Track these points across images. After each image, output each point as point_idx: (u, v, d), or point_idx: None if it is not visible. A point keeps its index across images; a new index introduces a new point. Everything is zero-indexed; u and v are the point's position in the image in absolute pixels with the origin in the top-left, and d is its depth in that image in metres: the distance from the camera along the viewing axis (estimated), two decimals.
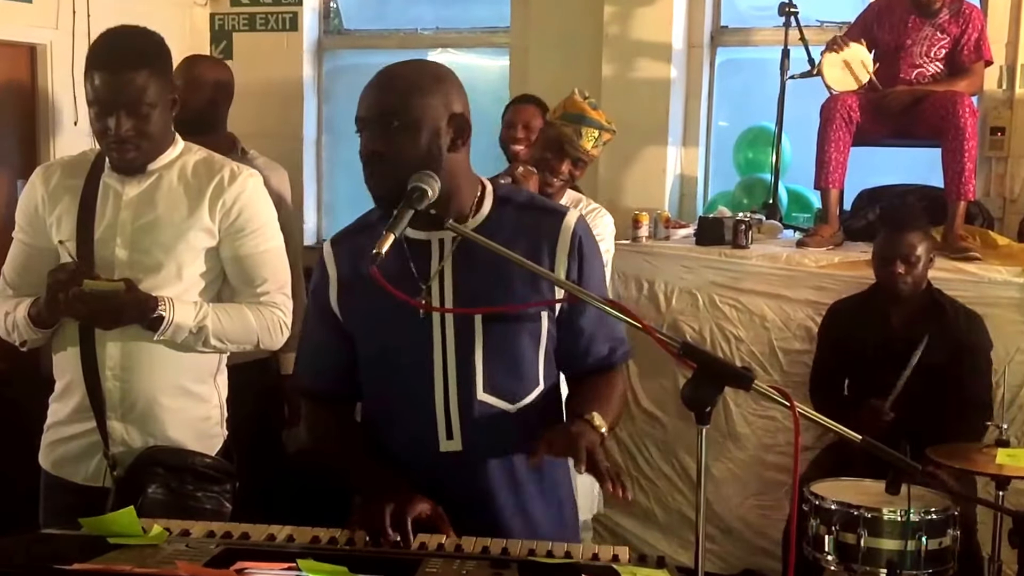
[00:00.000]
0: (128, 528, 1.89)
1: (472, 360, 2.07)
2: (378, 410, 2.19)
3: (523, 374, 2.11)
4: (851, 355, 3.91)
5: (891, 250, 3.78)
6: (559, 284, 2.03)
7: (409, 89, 2.02)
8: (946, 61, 4.54)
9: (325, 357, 2.23)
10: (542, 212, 2.14)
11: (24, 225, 2.62)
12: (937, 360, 3.71)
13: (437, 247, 2.08)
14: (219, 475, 2.57)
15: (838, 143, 4.48)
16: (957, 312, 3.84)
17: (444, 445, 2.08)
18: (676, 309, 4.50)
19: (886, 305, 3.87)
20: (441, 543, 1.92)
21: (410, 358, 2.09)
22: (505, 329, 2.08)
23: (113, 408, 2.52)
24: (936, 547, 3.14)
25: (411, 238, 2.07)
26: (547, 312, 2.11)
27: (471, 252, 2.05)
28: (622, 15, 5.23)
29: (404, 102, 2.00)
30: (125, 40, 2.48)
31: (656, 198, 5.21)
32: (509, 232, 2.05)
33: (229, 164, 2.61)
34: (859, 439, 1.72)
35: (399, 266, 2.05)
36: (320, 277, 2.20)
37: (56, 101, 5.10)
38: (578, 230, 2.11)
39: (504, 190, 2.19)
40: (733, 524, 4.45)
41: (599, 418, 2.00)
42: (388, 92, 2.02)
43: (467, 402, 2.07)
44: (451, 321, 2.07)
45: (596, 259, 2.16)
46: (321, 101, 6.22)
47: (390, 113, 1.99)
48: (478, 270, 2.05)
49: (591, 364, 2.18)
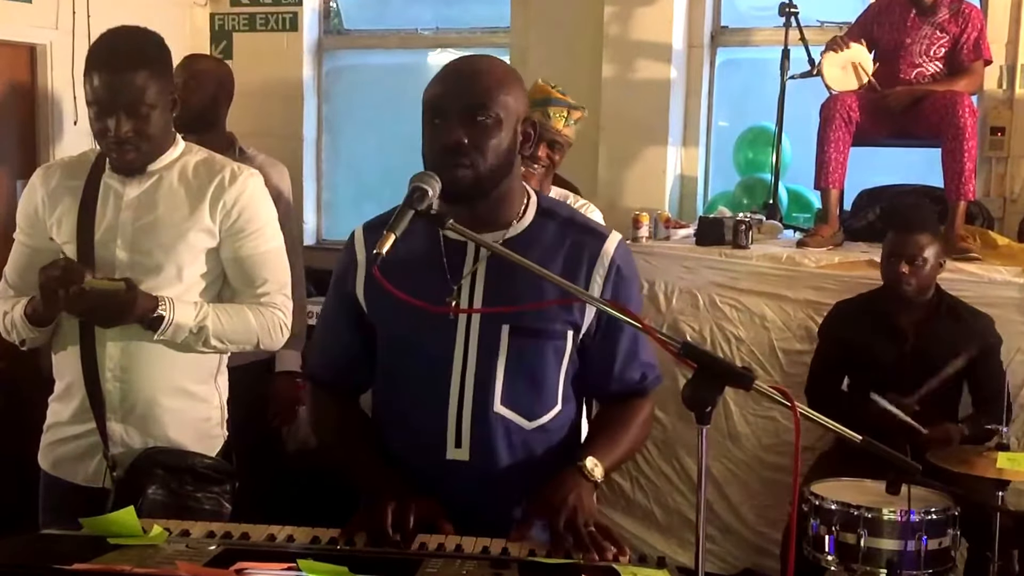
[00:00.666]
0: (128, 528, 1.89)
1: (493, 371, 2.04)
2: (389, 406, 2.16)
3: (543, 391, 2.09)
4: (852, 355, 3.91)
5: (898, 249, 3.76)
6: (589, 301, 1.98)
7: (498, 84, 1.99)
8: (946, 60, 4.55)
9: (338, 346, 2.21)
10: (583, 231, 2.11)
11: (25, 226, 2.62)
12: (946, 364, 3.70)
13: (473, 248, 2.05)
14: (219, 476, 2.57)
15: (838, 143, 4.48)
16: (968, 316, 3.82)
17: (451, 453, 2.06)
18: (676, 309, 4.50)
19: (892, 306, 3.84)
20: (441, 543, 1.91)
21: (430, 359, 2.06)
22: (530, 343, 2.05)
23: (113, 409, 2.52)
24: (936, 547, 3.14)
25: (449, 237, 2.04)
26: (571, 332, 2.09)
27: (506, 258, 2.02)
28: (622, 15, 5.23)
29: (494, 96, 1.98)
30: (125, 41, 2.47)
31: (656, 198, 5.22)
32: (548, 246, 2.04)
33: (230, 165, 2.61)
34: (859, 439, 1.72)
35: (433, 262, 2.03)
36: (347, 263, 2.16)
37: (56, 101, 5.10)
38: (617, 256, 2.09)
39: (548, 202, 2.16)
40: (733, 524, 4.45)
41: (594, 463, 2.01)
42: (476, 83, 1.98)
43: (481, 413, 2.05)
44: (476, 327, 2.04)
45: (633, 286, 2.14)
46: (321, 101, 6.21)
47: (479, 106, 1.97)
48: (512, 277, 2.01)
49: (622, 389, 2.17)
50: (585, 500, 1.96)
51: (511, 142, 2.01)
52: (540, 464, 2.07)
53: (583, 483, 1.98)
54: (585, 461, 2.02)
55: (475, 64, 2.04)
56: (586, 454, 2.04)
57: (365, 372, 2.19)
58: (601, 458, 2.04)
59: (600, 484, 2.03)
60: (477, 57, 2.09)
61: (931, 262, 3.76)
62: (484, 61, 2.06)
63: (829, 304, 4.14)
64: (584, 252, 2.08)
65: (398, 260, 1.84)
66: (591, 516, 1.95)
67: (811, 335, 4.21)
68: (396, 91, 6.16)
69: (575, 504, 1.93)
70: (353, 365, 2.20)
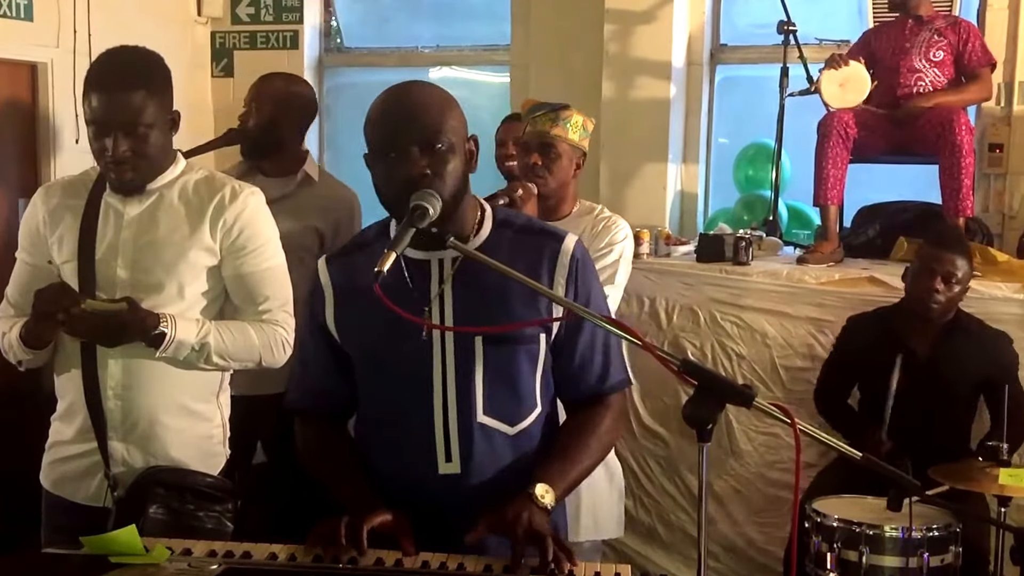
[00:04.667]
0: (130, 547, 1.89)
1: (472, 383, 2.07)
2: (376, 431, 2.18)
3: (522, 397, 2.12)
4: (860, 369, 3.89)
5: (934, 265, 3.69)
6: (559, 302, 2.03)
7: (445, 111, 2.02)
8: (953, 68, 4.55)
9: (317, 376, 2.23)
10: (540, 235, 2.15)
11: (27, 245, 2.63)
12: (960, 384, 3.69)
13: (437, 267, 2.08)
14: (220, 494, 2.57)
15: (835, 159, 4.50)
16: (982, 335, 3.79)
17: (443, 468, 2.08)
18: (677, 326, 4.50)
19: (906, 324, 3.80)
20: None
21: (409, 380, 2.09)
22: (505, 352, 2.08)
23: (115, 428, 2.52)
24: (938, 564, 3.13)
25: (410, 257, 2.07)
26: (544, 335, 2.11)
27: (471, 274, 2.05)
28: (622, 33, 5.25)
29: (445, 123, 2.01)
30: (123, 60, 2.49)
31: (657, 215, 5.22)
32: (507, 254, 2.05)
33: (231, 183, 2.61)
34: (859, 456, 1.72)
35: (398, 286, 2.04)
36: (316, 295, 2.19)
37: (57, 120, 5.11)
38: (576, 253, 2.11)
39: (503, 213, 2.20)
40: (735, 541, 4.44)
41: (544, 488, 2.00)
42: (426, 114, 2.01)
43: (467, 425, 2.07)
44: (451, 343, 2.07)
45: (595, 282, 2.16)
46: (322, 119, 6.23)
47: (434, 134, 1.99)
48: (478, 292, 2.06)
49: (583, 392, 2.17)
50: (536, 519, 1.96)
51: (464, 164, 2.05)
52: (528, 467, 2.09)
53: (533, 508, 1.98)
54: (535, 488, 2.01)
55: (417, 94, 2.06)
56: (537, 479, 2.03)
57: (345, 398, 2.21)
58: (555, 482, 2.03)
59: (550, 511, 2.01)
60: (414, 85, 2.09)
61: (963, 284, 3.71)
62: (424, 88, 2.08)
63: (830, 321, 4.13)
64: (544, 253, 2.11)
65: (366, 284, 1.85)
66: (545, 532, 1.94)
67: (812, 352, 4.20)
68: None
69: (529, 519, 1.94)
70: (333, 391, 2.22)
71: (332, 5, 6.29)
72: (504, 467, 2.10)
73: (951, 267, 3.68)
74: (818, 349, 4.20)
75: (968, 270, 3.75)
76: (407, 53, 6.16)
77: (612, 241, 3.26)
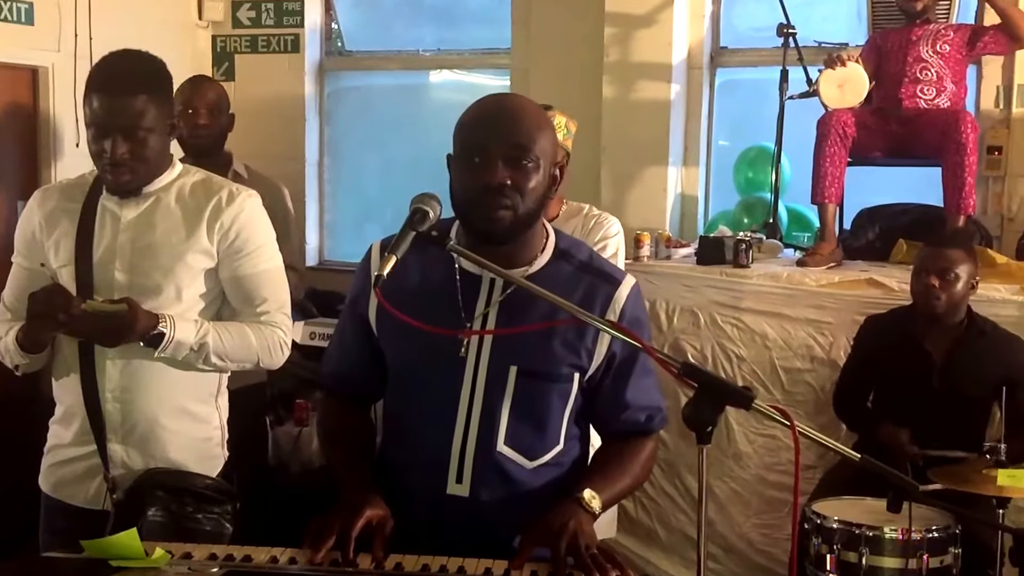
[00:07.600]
0: (130, 551, 1.89)
1: (498, 411, 2.05)
2: (396, 435, 2.18)
3: (547, 433, 2.10)
4: (877, 372, 3.88)
5: (928, 263, 3.71)
6: (603, 329, 1.97)
7: (538, 127, 2.01)
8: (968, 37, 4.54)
9: (349, 361, 2.23)
10: (598, 276, 2.11)
11: (23, 249, 2.63)
12: (976, 386, 3.69)
13: (487, 287, 2.06)
14: (219, 496, 2.56)
15: (834, 158, 4.51)
16: (999, 339, 3.78)
17: (452, 488, 2.07)
18: (677, 328, 4.51)
19: (920, 326, 3.79)
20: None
21: (437, 393, 2.08)
22: (536, 387, 2.06)
23: (113, 430, 2.52)
24: (938, 565, 3.14)
25: (465, 268, 2.06)
26: (578, 376, 2.09)
27: (520, 303, 2.03)
28: (622, 36, 5.26)
29: (536, 139, 1.99)
30: (124, 64, 2.49)
31: (657, 218, 5.23)
32: (560, 286, 2.02)
33: (228, 186, 2.61)
34: (858, 457, 1.72)
35: (448, 293, 2.04)
36: (362, 282, 2.15)
37: (58, 123, 5.12)
38: (628, 302, 2.09)
39: (566, 243, 2.16)
40: (735, 543, 4.44)
41: (591, 494, 2.01)
42: (520, 125, 1.99)
43: (485, 452, 2.05)
44: (485, 366, 2.05)
45: (644, 331, 2.13)
46: (323, 122, 6.24)
47: (522, 148, 1.97)
48: (524, 318, 2.03)
49: (628, 428, 2.17)
50: (585, 526, 1.96)
51: (546, 185, 2.03)
52: (540, 500, 2.07)
53: (581, 512, 1.98)
54: (583, 492, 2.01)
55: (516, 105, 2.05)
56: (584, 486, 2.04)
57: (375, 383, 2.21)
58: (599, 491, 2.04)
59: (597, 515, 2.02)
60: (515, 97, 2.10)
61: (963, 280, 3.69)
62: (523, 102, 2.08)
63: (830, 323, 4.14)
64: (597, 295, 2.08)
65: (412, 286, 1.85)
66: (592, 541, 1.94)
67: (812, 354, 4.21)
68: (398, 112, 6.19)
69: (575, 529, 1.93)
70: (363, 377, 2.22)
71: (333, 8, 6.30)
72: (514, 497, 2.08)
73: (944, 263, 3.68)
74: (817, 351, 4.21)
75: (970, 267, 3.73)
76: (408, 56, 6.16)
77: (606, 235, 3.39)
